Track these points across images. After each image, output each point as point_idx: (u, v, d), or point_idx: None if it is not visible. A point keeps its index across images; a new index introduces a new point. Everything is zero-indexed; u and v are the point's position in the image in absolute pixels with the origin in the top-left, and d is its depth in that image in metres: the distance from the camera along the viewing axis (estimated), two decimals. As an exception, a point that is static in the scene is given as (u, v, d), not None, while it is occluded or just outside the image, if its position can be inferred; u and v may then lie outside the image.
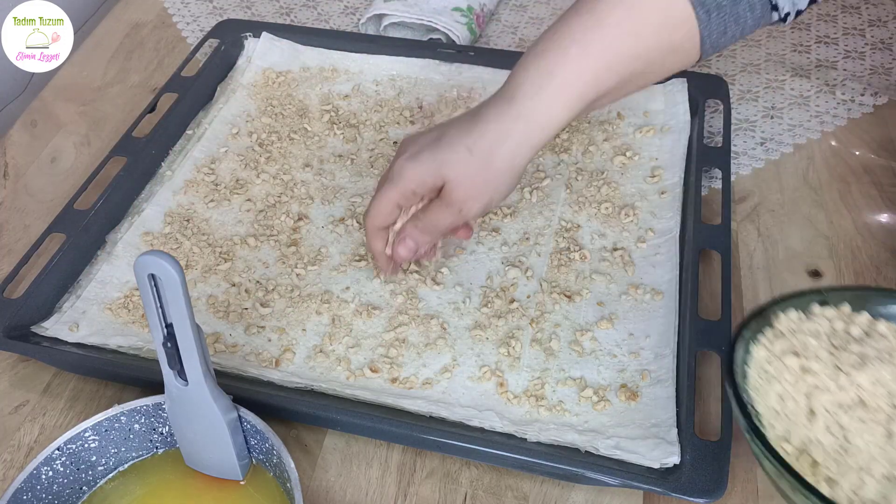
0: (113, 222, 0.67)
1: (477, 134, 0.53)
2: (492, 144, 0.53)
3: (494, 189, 0.55)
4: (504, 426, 0.53)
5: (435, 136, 0.56)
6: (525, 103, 0.52)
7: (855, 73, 0.81)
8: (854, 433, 0.45)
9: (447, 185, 0.54)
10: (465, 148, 0.53)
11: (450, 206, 0.55)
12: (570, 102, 0.52)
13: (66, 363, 0.58)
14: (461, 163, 0.53)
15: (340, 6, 0.95)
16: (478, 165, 0.53)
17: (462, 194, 0.54)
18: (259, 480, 0.50)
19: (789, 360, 0.48)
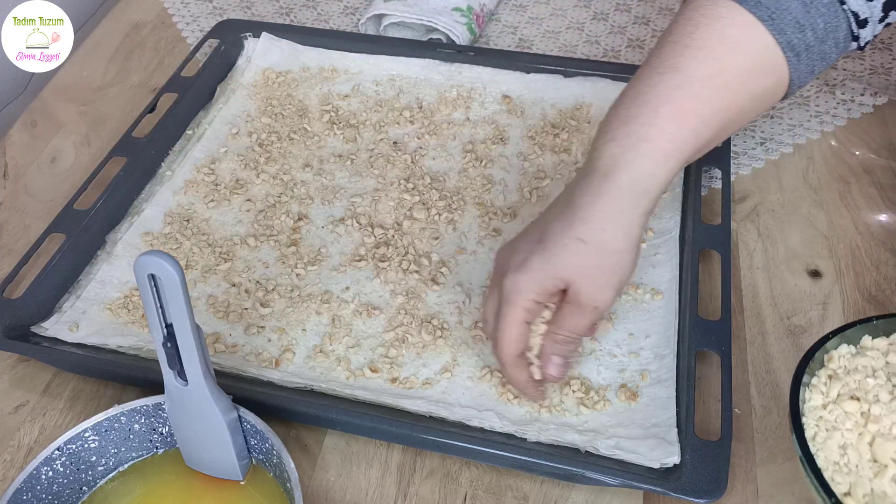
0: (113, 222, 0.67)
1: (581, 221, 0.49)
2: (602, 227, 0.49)
3: (621, 271, 0.50)
4: (504, 426, 0.53)
5: (536, 237, 0.51)
6: (623, 176, 0.49)
7: (855, 73, 0.81)
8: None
9: (572, 286, 0.50)
10: (576, 240, 0.49)
11: (583, 307, 0.50)
12: (671, 164, 0.50)
13: (66, 363, 0.58)
14: (578, 258, 0.49)
15: (340, 6, 0.95)
16: (596, 255, 0.49)
17: (591, 290, 0.50)
18: (259, 480, 0.50)
19: (848, 406, 0.46)
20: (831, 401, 0.47)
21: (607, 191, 0.49)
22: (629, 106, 0.51)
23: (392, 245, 0.65)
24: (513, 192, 0.70)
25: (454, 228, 0.67)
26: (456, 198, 0.69)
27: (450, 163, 0.72)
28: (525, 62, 0.80)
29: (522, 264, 0.50)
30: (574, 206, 0.50)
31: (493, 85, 0.79)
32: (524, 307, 0.50)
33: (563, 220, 0.50)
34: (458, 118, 0.77)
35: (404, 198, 0.69)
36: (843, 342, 0.49)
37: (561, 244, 0.50)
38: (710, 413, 0.55)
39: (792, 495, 0.51)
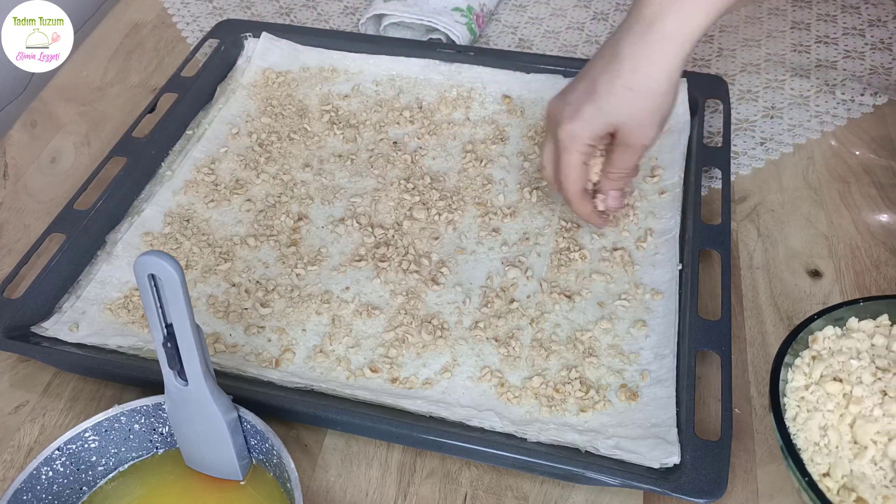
0: (113, 222, 0.67)
1: (629, 70, 0.54)
2: (647, 74, 0.54)
3: (663, 110, 0.56)
4: (504, 426, 0.53)
5: (586, 88, 0.57)
6: (669, 23, 0.53)
7: (855, 73, 0.81)
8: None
9: (621, 129, 0.56)
10: (626, 90, 0.55)
11: (632, 146, 0.57)
12: (713, 13, 0.53)
13: (66, 363, 0.58)
14: (626, 105, 0.55)
15: (340, 6, 0.95)
16: (642, 100, 0.55)
17: (638, 132, 0.56)
18: (259, 480, 0.50)
19: (830, 387, 0.46)
20: (814, 382, 0.47)
21: (653, 40, 0.54)
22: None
23: (392, 245, 0.65)
24: (513, 191, 0.70)
25: (454, 228, 0.67)
26: (456, 198, 0.69)
27: (450, 163, 0.72)
28: (525, 62, 0.80)
29: (575, 114, 0.57)
30: (620, 57, 0.55)
31: (493, 85, 0.79)
32: (580, 151, 0.58)
33: (611, 71, 0.55)
34: (458, 118, 0.77)
35: (404, 198, 0.69)
36: (829, 323, 0.49)
37: (611, 94, 0.55)
38: (710, 413, 0.55)
39: (792, 495, 0.51)
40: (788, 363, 0.48)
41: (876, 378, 0.46)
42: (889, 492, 0.43)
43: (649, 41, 0.54)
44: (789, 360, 0.48)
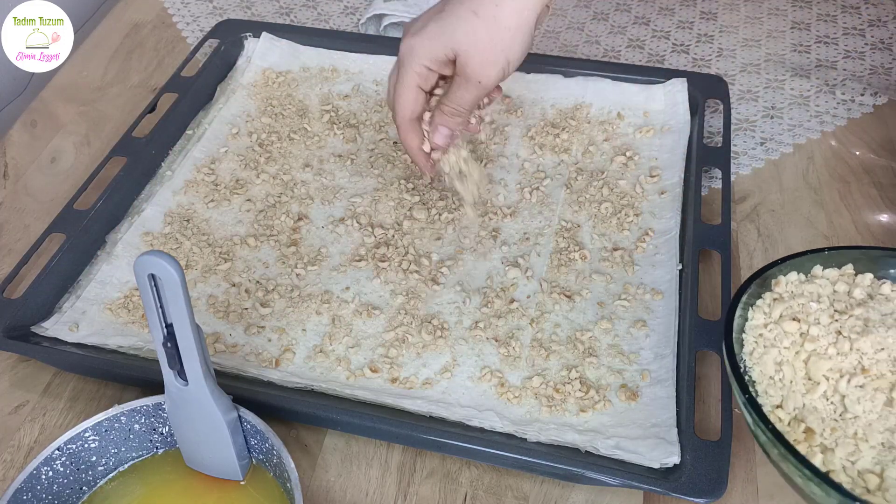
0: (113, 222, 0.67)
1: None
2: (496, 3, 0.52)
3: (508, 49, 0.53)
4: (504, 426, 0.53)
5: (437, 8, 0.55)
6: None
7: (855, 73, 0.81)
8: (853, 401, 0.45)
9: (460, 56, 0.53)
10: (470, 12, 0.52)
11: (468, 80, 0.54)
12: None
13: (66, 363, 0.58)
14: (469, 29, 0.52)
15: (340, 6, 0.95)
16: (486, 28, 0.52)
17: (477, 63, 0.53)
18: (259, 480, 0.50)
19: (788, 326, 0.47)
20: (773, 321, 0.48)
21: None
22: None
23: (392, 245, 0.65)
24: (513, 191, 0.70)
25: (454, 228, 0.67)
26: (456, 197, 0.69)
27: (450, 163, 0.72)
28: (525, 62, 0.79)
29: (419, 31, 0.54)
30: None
31: (493, 85, 0.79)
32: (417, 71, 0.55)
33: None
34: (458, 118, 0.77)
35: (404, 198, 0.69)
36: (794, 270, 0.50)
37: (456, 15, 0.53)
38: (710, 413, 0.55)
39: (792, 495, 0.51)
40: (750, 303, 0.49)
41: (833, 320, 0.48)
42: (837, 424, 0.45)
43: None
44: (751, 300, 0.49)
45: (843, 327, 0.47)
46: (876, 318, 0.47)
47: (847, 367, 0.46)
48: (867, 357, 0.46)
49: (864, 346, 0.46)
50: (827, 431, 0.44)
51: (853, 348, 0.46)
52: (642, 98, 0.75)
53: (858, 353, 0.46)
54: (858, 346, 0.46)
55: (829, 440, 0.44)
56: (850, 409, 0.45)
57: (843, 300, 0.49)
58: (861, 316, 0.47)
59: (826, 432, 0.44)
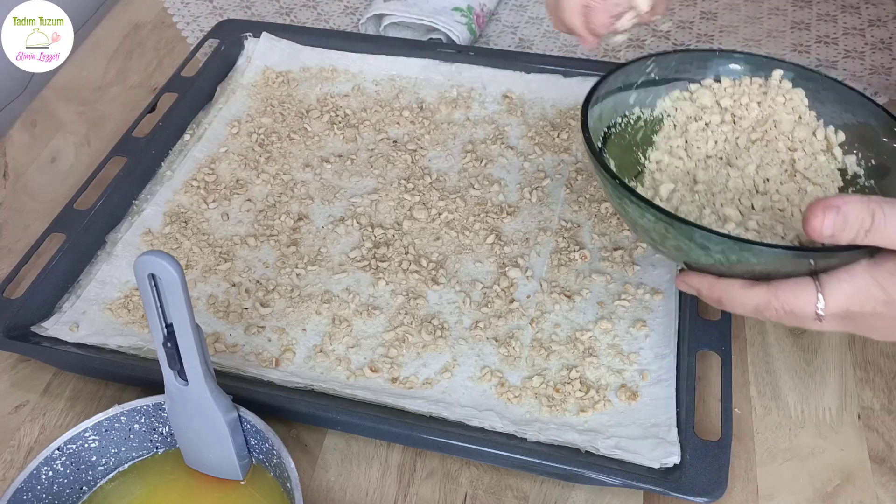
0: (113, 222, 0.67)
1: None
2: None
3: None
4: (504, 426, 0.53)
5: None
6: None
7: (855, 73, 0.81)
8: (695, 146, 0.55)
9: None
10: None
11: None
12: None
13: (66, 363, 0.58)
14: None
15: (340, 6, 0.95)
16: None
17: None
18: (259, 480, 0.50)
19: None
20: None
21: None
22: None
23: (392, 245, 0.65)
24: (513, 191, 0.70)
25: (454, 228, 0.67)
26: (456, 197, 0.69)
27: (450, 162, 0.72)
28: (525, 62, 0.80)
29: None
30: None
31: (493, 85, 0.79)
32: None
33: None
34: (459, 118, 0.77)
35: (404, 198, 0.69)
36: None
37: None
38: (710, 413, 0.55)
39: (792, 495, 0.52)
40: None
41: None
42: (669, 172, 0.55)
43: None
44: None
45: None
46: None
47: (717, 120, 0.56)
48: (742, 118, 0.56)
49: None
50: (660, 175, 0.54)
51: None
52: (642, 98, 0.75)
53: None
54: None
55: (658, 180, 0.54)
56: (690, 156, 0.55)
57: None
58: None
59: (659, 176, 0.54)
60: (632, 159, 0.56)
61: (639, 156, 0.56)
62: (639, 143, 0.56)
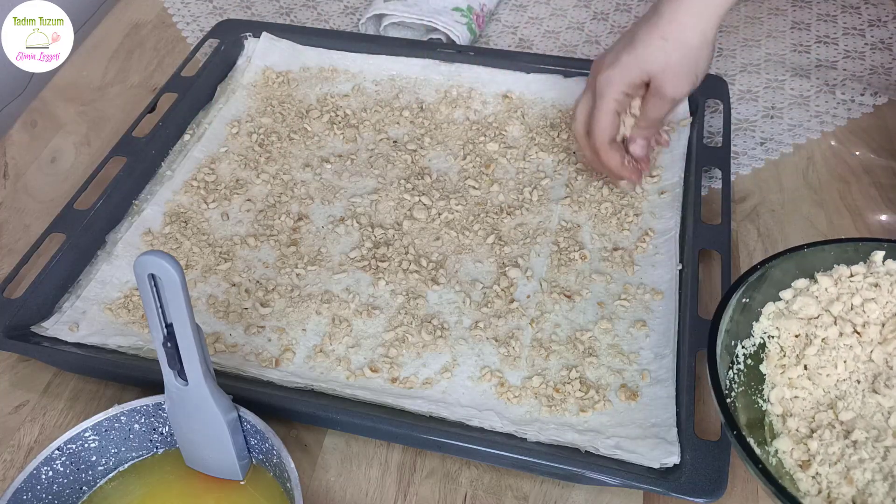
0: (113, 222, 0.67)
1: (665, 22, 0.58)
2: (682, 25, 0.58)
3: (696, 65, 0.59)
4: (504, 426, 0.53)
5: (626, 40, 0.61)
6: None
7: (855, 73, 0.81)
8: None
9: (654, 79, 0.59)
10: (660, 38, 0.58)
11: (662, 97, 0.60)
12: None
13: (66, 363, 0.58)
14: (660, 53, 0.58)
15: (340, 6, 0.95)
16: (675, 50, 0.58)
17: (670, 82, 0.59)
18: (259, 480, 0.50)
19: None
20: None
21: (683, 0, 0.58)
22: None
23: (392, 245, 0.65)
24: (513, 191, 0.70)
25: (454, 228, 0.67)
26: (456, 197, 0.69)
27: (450, 162, 0.72)
28: (525, 62, 0.80)
29: (614, 62, 0.61)
30: (659, 11, 0.59)
31: (493, 85, 0.79)
32: (615, 98, 0.61)
33: (649, 23, 0.59)
34: (459, 118, 0.77)
35: (404, 198, 0.69)
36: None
37: (646, 43, 0.59)
38: (710, 413, 0.55)
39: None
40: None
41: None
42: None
43: (683, 2, 0.58)
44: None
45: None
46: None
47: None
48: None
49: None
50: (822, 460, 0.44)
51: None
52: (642, 98, 0.75)
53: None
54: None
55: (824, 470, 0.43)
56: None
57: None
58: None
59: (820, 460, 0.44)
60: (754, 408, 0.47)
61: (756, 398, 0.47)
62: (748, 383, 0.47)
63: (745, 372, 0.47)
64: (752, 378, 0.47)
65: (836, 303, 0.47)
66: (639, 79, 0.60)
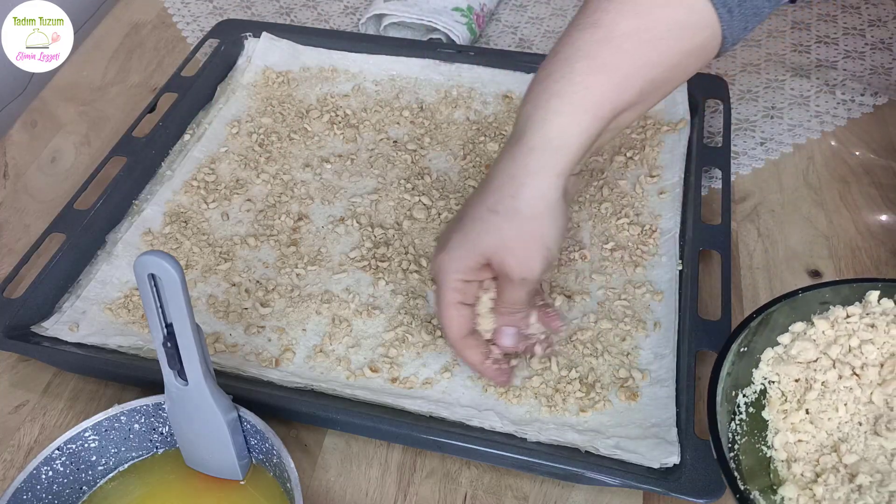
0: (113, 222, 0.67)
1: (494, 190, 0.48)
2: (513, 194, 0.47)
3: (541, 238, 0.48)
4: (504, 426, 0.53)
5: (458, 216, 0.51)
6: (535, 134, 0.47)
7: (855, 73, 0.81)
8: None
9: (493, 260, 0.49)
10: (489, 212, 0.48)
11: (511, 279, 0.49)
12: (586, 120, 0.47)
13: (66, 363, 0.58)
14: (493, 230, 0.48)
15: (340, 6, 0.95)
16: (510, 224, 0.47)
17: (514, 261, 0.48)
18: (259, 480, 0.50)
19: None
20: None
21: (517, 153, 0.47)
22: (549, 64, 0.48)
23: (392, 245, 0.65)
24: (513, 192, 0.70)
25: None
26: (456, 197, 0.69)
27: (450, 162, 0.72)
28: (525, 62, 0.80)
29: (443, 245, 0.51)
30: (490, 177, 0.49)
31: (493, 85, 0.79)
32: (453, 288, 0.50)
33: (481, 194, 0.49)
34: (459, 118, 0.77)
35: (404, 198, 0.69)
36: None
37: (474, 218, 0.49)
38: (710, 413, 0.55)
39: (792, 495, 0.51)
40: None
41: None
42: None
43: (513, 157, 0.47)
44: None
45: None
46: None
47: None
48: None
49: None
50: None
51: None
52: (642, 98, 0.75)
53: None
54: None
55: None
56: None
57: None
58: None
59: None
60: (758, 456, 0.46)
61: (760, 446, 0.46)
62: (752, 431, 0.47)
63: (747, 421, 0.46)
64: (756, 425, 0.47)
65: (834, 345, 0.46)
66: (475, 262, 0.49)
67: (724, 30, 0.48)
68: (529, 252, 0.48)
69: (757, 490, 0.44)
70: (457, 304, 0.51)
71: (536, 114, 0.47)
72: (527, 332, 0.54)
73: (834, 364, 0.46)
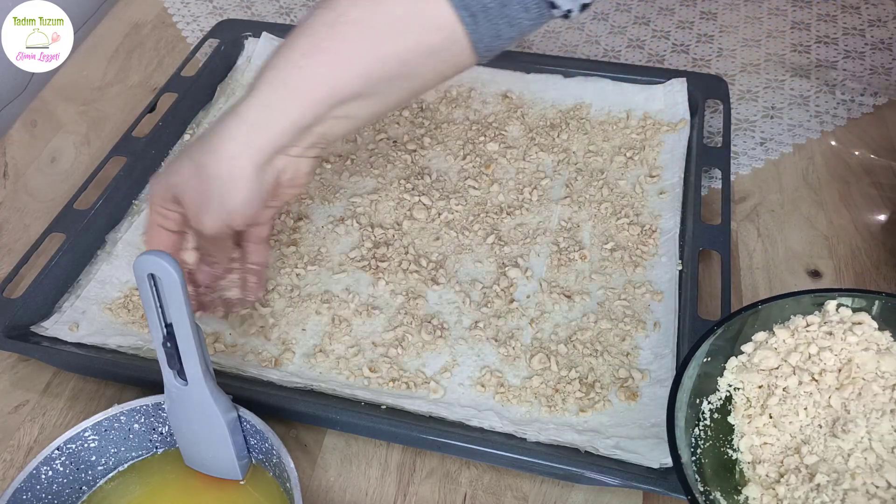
0: (113, 222, 0.67)
1: (202, 138, 0.50)
2: (209, 150, 0.49)
3: (219, 197, 0.49)
4: (504, 426, 0.53)
5: (182, 150, 0.53)
6: (246, 102, 0.48)
7: (855, 73, 0.81)
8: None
9: (181, 200, 0.51)
10: (189, 157, 0.50)
11: (191, 224, 0.52)
12: (292, 99, 0.48)
13: (66, 363, 0.59)
14: (184, 173, 0.50)
15: (340, 6, 0.95)
16: (195, 174, 0.49)
17: (192, 209, 0.50)
18: (259, 480, 0.50)
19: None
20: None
21: (231, 114, 0.49)
22: (285, 40, 0.49)
23: (392, 245, 0.65)
24: (512, 191, 0.70)
25: (454, 228, 0.67)
26: (456, 197, 0.69)
27: (450, 163, 0.72)
28: (525, 62, 0.80)
29: (160, 171, 0.55)
30: (212, 129, 0.50)
31: (493, 84, 0.79)
32: (155, 210, 0.53)
33: (199, 139, 0.51)
34: (458, 118, 0.77)
35: (404, 198, 0.69)
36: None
37: (182, 155, 0.51)
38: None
39: (792, 495, 0.51)
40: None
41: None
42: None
43: (223, 120, 0.49)
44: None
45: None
46: None
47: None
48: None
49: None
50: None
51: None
52: (642, 98, 0.75)
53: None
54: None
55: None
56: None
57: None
58: None
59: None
60: (723, 459, 0.48)
61: (725, 449, 0.48)
62: (717, 436, 0.48)
63: (711, 427, 0.48)
64: (721, 430, 0.48)
65: (794, 353, 0.48)
66: (168, 192, 0.51)
67: (470, 35, 0.48)
68: (204, 206, 0.50)
69: (718, 491, 0.45)
70: (158, 227, 0.53)
71: (256, 82, 0.49)
72: (223, 282, 0.56)
73: (794, 371, 0.48)
